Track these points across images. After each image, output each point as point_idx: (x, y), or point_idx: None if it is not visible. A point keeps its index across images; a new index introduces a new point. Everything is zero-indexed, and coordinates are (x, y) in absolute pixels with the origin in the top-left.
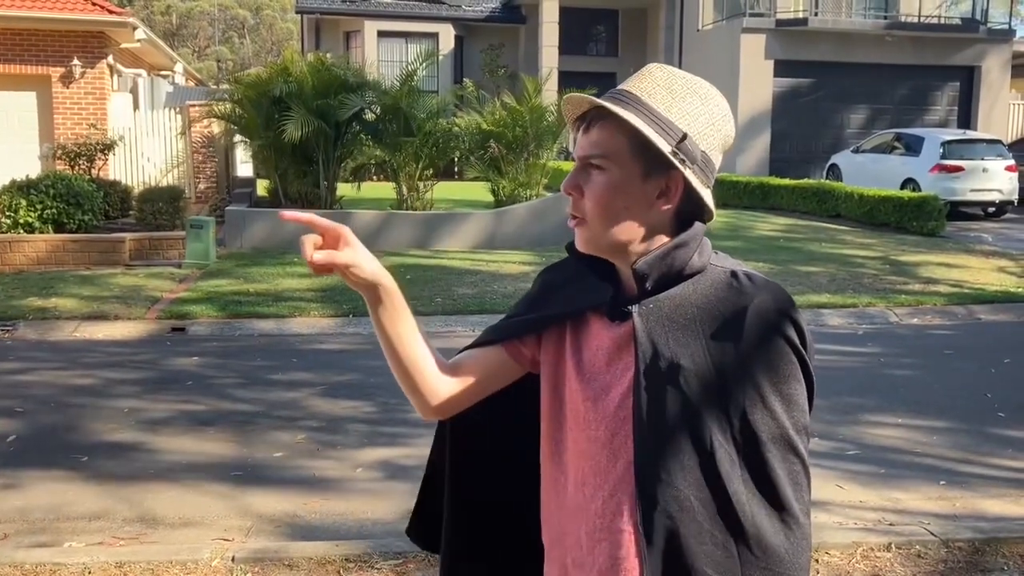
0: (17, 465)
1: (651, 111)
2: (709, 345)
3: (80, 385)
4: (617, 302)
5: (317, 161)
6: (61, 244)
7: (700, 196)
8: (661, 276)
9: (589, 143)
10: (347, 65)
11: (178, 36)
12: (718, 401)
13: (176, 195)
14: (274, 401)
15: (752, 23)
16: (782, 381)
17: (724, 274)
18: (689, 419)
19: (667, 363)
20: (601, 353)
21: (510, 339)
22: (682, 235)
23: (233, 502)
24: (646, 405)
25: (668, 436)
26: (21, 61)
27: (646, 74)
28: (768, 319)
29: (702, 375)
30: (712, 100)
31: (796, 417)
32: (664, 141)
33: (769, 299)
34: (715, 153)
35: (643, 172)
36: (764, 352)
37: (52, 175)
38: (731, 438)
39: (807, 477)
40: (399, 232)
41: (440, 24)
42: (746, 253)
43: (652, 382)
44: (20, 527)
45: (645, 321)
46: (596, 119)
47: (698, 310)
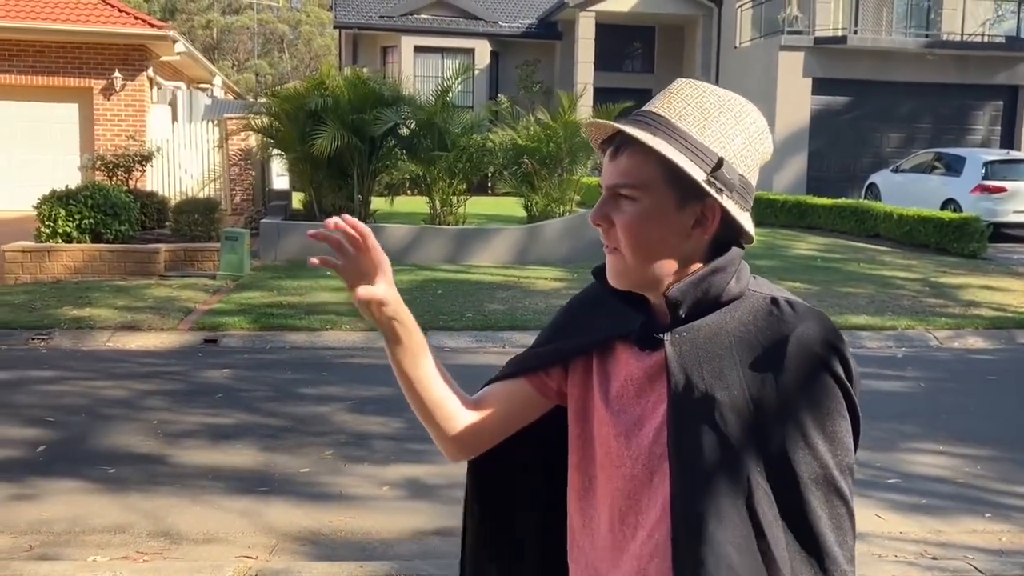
0: (46, 475)
1: (683, 136)
2: (747, 377)
3: (111, 396)
4: (648, 330)
5: (352, 175)
6: (97, 254)
7: (738, 222)
8: (695, 303)
9: (618, 171)
10: (383, 80)
11: (218, 50)
12: (757, 438)
13: (212, 207)
14: (302, 415)
15: (790, 40)
16: (826, 417)
17: (763, 301)
18: (726, 457)
19: (702, 396)
20: (631, 384)
21: (534, 371)
22: (718, 260)
23: (257, 518)
24: (681, 441)
25: (704, 475)
26: (64, 73)
27: (675, 93)
28: (811, 350)
29: (739, 409)
30: (747, 117)
31: (840, 456)
32: (698, 169)
33: (813, 328)
34: (753, 173)
35: (677, 201)
36: (807, 386)
37: (90, 186)
38: (770, 478)
39: (852, 521)
40: (431, 247)
41: (476, 40)
42: (782, 273)
43: (686, 417)
44: (46, 539)
45: (678, 350)
46: (624, 145)
47: (735, 339)
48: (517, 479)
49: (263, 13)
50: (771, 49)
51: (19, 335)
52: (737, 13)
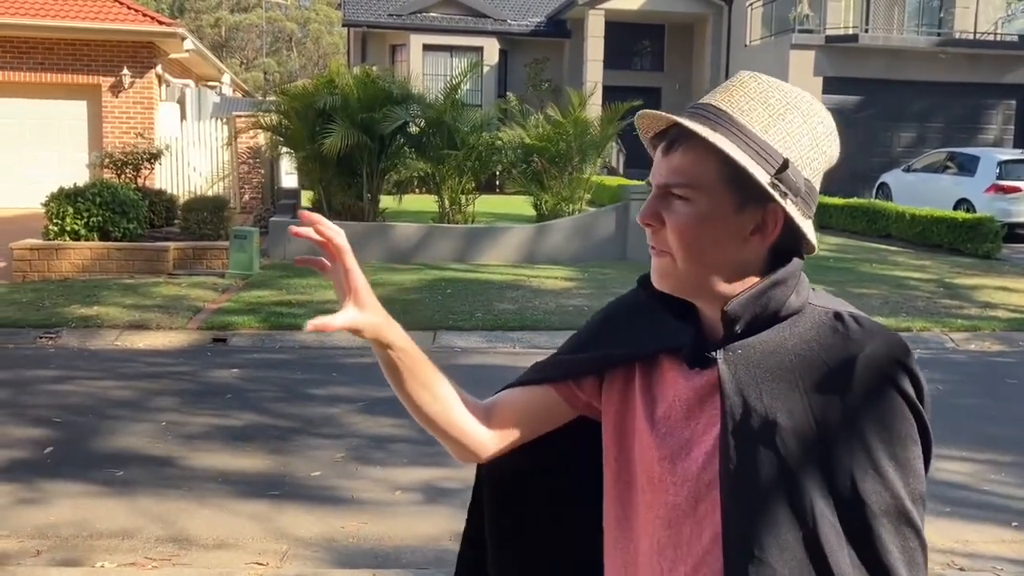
0: (53, 477)
1: (746, 133)
2: (810, 399)
3: (119, 396)
4: (699, 346)
5: (361, 173)
6: (106, 252)
7: (801, 230)
8: (753, 319)
9: (671, 169)
10: (392, 78)
11: (227, 48)
12: (821, 465)
13: (220, 205)
14: (313, 417)
15: (801, 39)
16: (897, 443)
17: (826, 316)
18: (787, 486)
19: (760, 419)
20: (678, 405)
21: (564, 379)
22: (779, 272)
23: (268, 523)
24: (736, 469)
25: (762, 506)
26: (73, 71)
27: (738, 86)
28: (882, 371)
29: (802, 434)
30: (815, 116)
31: (912, 485)
32: (762, 170)
33: (882, 347)
34: (818, 178)
35: (736, 204)
36: (877, 409)
37: (99, 183)
38: (836, 509)
39: (924, 554)
40: (440, 245)
41: (485, 38)
42: None
43: (742, 442)
44: (53, 543)
45: (733, 369)
46: (679, 140)
47: (796, 358)
48: (532, 485)
49: (272, 11)
50: (782, 48)
51: (27, 334)
52: (747, 11)
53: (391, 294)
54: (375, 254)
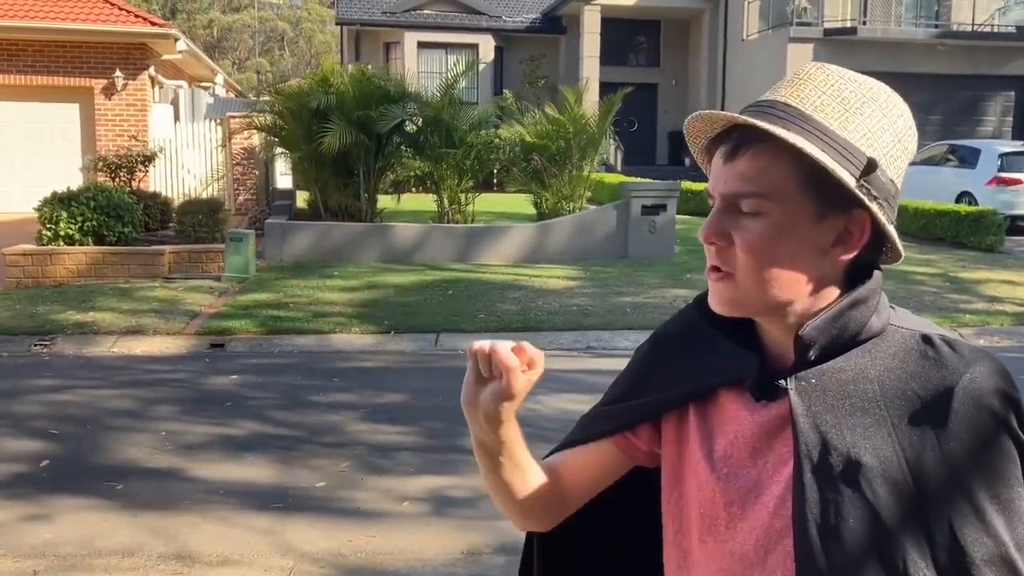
0: (49, 492)
1: (824, 130)
2: (900, 435)
3: (116, 405)
4: (766, 375)
5: (358, 173)
6: (101, 256)
7: (892, 238)
8: (829, 343)
9: (737, 176)
10: (388, 76)
11: (219, 48)
12: (914, 511)
13: (216, 207)
14: (315, 425)
15: (799, 32)
16: (1003, 486)
17: (913, 339)
18: (874, 535)
19: (841, 458)
20: (742, 443)
21: (620, 431)
22: (860, 289)
23: (273, 538)
24: (813, 515)
25: (845, 557)
26: (64, 73)
27: (806, 79)
28: (983, 403)
29: (891, 476)
30: (894, 109)
31: (1018, 530)
32: (845, 172)
33: (983, 376)
34: (901, 178)
35: (817, 212)
36: (978, 447)
37: (93, 187)
38: (932, 559)
39: None
40: (440, 245)
41: (480, 35)
42: None
43: (820, 484)
44: (51, 563)
45: (807, 401)
46: (746, 143)
47: (881, 387)
48: (582, 540)
49: (264, 11)
50: (779, 41)
51: (21, 341)
52: (744, 5)
53: (391, 296)
54: (373, 255)
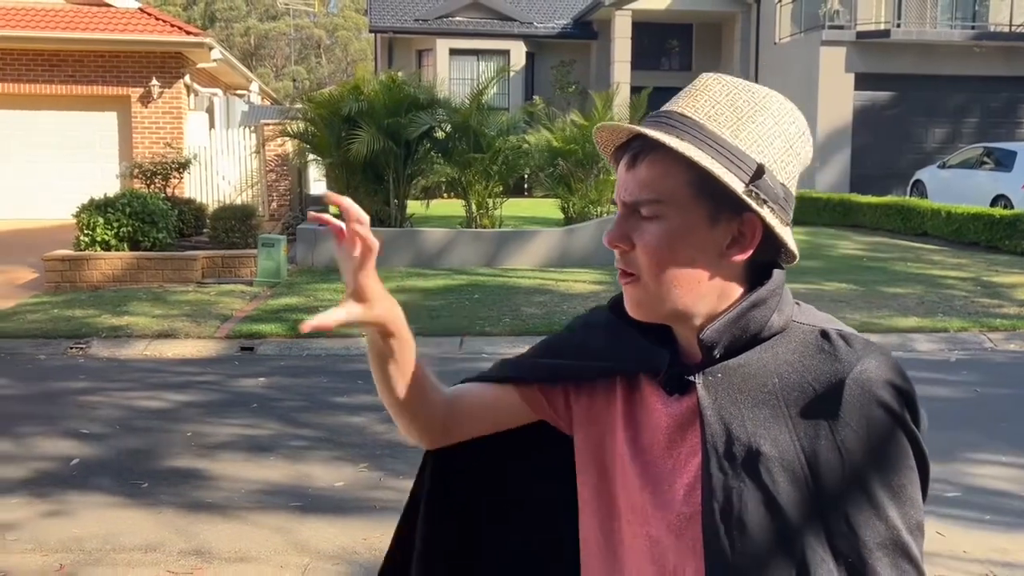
0: (78, 490)
1: (715, 139)
2: (796, 426)
3: (146, 407)
4: (677, 370)
5: (387, 179)
6: (135, 261)
7: (783, 239)
8: (732, 342)
9: (637, 184)
10: (418, 83)
11: (256, 56)
12: (810, 497)
13: (248, 213)
14: (337, 426)
15: (832, 35)
16: (892, 472)
17: (812, 335)
18: (774, 520)
19: (744, 448)
20: (660, 434)
21: (531, 383)
22: (759, 291)
23: (290, 536)
24: (719, 501)
25: (748, 542)
26: (103, 82)
27: (702, 89)
28: (873, 394)
29: (789, 464)
30: (786, 116)
31: (909, 514)
32: (735, 178)
33: (873, 367)
34: (793, 182)
35: (710, 217)
36: (869, 436)
37: (128, 193)
38: (828, 544)
39: None
40: (468, 250)
41: (511, 41)
42: (827, 274)
43: (725, 473)
44: (77, 557)
45: (713, 395)
46: (644, 152)
47: (780, 380)
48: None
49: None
50: (812, 45)
51: (58, 344)
52: (776, 8)
53: (418, 300)
54: (402, 260)
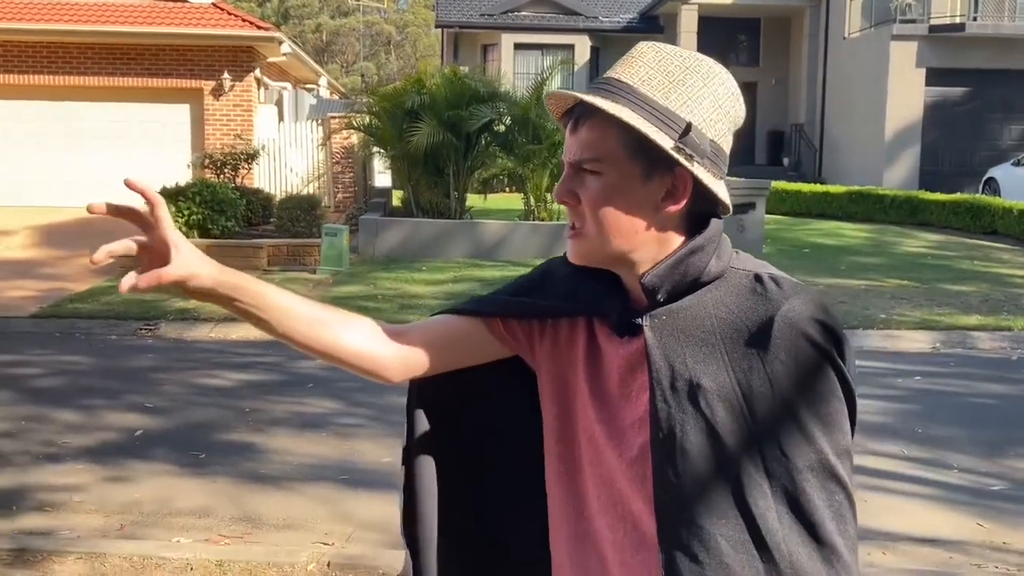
0: (139, 458)
1: (646, 101)
2: (732, 362)
3: (208, 384)
4: (626, 314)
5: (447, 172)
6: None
7: (713, 192)
8: (674, 287)
9: (579, 144)
10: (480, 76)
11: (328, 52)
12: (746, 426)
13: (314, 204)
14: (387, 406)
15: (903, 30)
16: (819, 400)
17: (746, 279)
18: (713, 447)
19: (685, 384)
20: (613, 373)
21: (495, 316)
22: (697, 239)
23: (336, 506)
24: (664, 431)
25: (690, 467)
26: (177, 75)
27: (637, 56)
28: (798, 328)
29: (726, 396)
30: (715, 78)
31: (836, 440)
32: (665, 136)
33: (799, 305)
34: (725, 139)
35: (643, 172)
36: (796, 368)
37: (199, 183)
38: (762, 467)
39: (852, 507)
40: (525, 242)
41: (576, 36)
42: (888, 270)
43: (670, 405)
44: (136, 519)
45: (659, 336)
46: (584, 116)
47: (718, 321)
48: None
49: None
50: (882, 39)
51: (128, 325)
52: (846, 2)
53: (475, 290)
54: (460, 251)
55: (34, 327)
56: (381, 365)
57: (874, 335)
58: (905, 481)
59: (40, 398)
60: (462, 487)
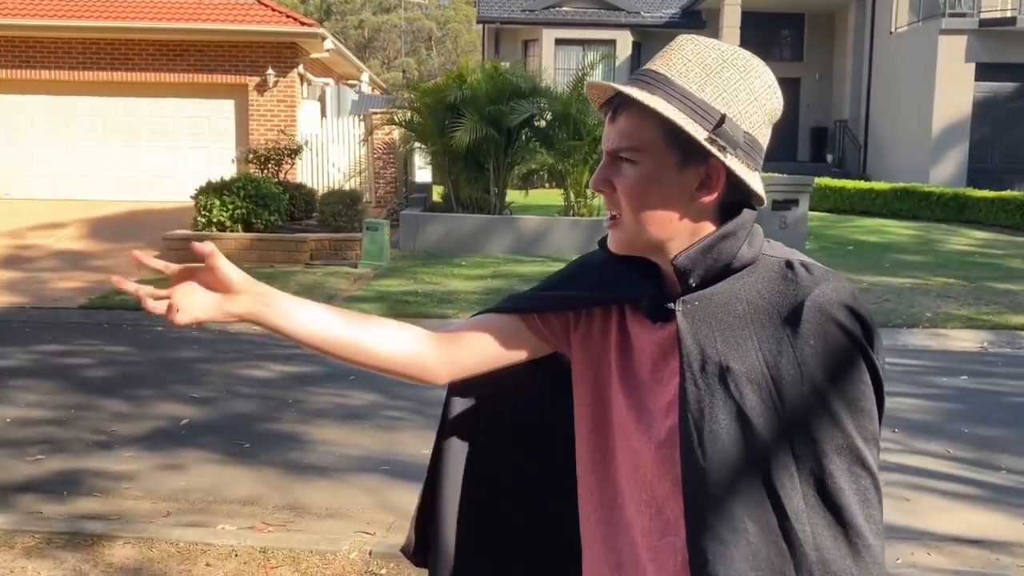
0: (186, 447)
1: (683, 93)
2: (762, 345)
3: (253, 375)
4: (658, 300)
5: (487, 167)
6: (249, 242)
7: (745, 183)
8: (706, 271)
9: (617, 134)
10: (521, 72)
11: (370, 48)
12: (774, 409)
13: (355, 198)
14: (427, 398)
15: (952, 24)
16: (847, 385)
17: (778, 265)
18: (742, 430)
19: (716, 367)
20: (645, 359)
21: (531, 311)
22: (728, 224)
23: (378, 496)
24: (693, 415)
25: (718, 449)
26: (222, 71)
27: (676, 49)
28: (828, 313)
29: (755, 380)
30: (753, 71)
31: (864, 425)
32: (699, 127)
33: (829, 291)
34: (761, 131)
35: (679, 162)
36: (825, 352)
37: (243, 177)
38: (790, 451)
39: (878, 493)
40: (564, 238)
41: (618, 31)
42: (934, 268)
43: (699, 389)
44: (182, 506)
45: (690, 321)
46: (622, 106)
47: (749, 306)
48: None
49: (411, 12)
50: (930, 33)
51: None
52: None
53: (514, 285)
54: (500, 246)
55: (83, 318)
56: (428, 370)
57: (920, 333)
58: (951, 481)
59: (89, 387)
60: (488, 477)
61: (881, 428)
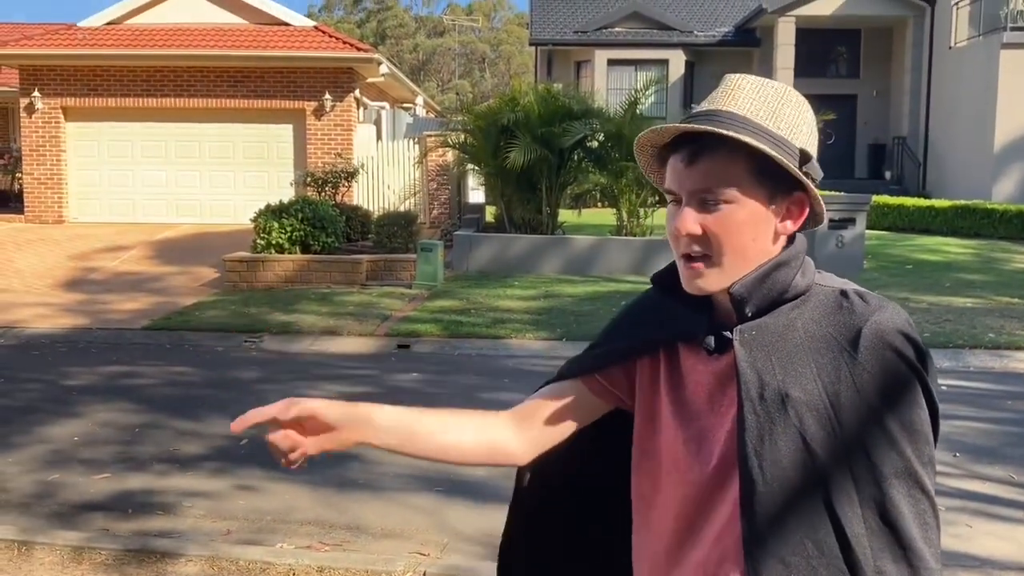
0: (245, 466)
1: (762, 130)
2: (821, 372)
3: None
4: (715, 331)
5: (540, 188)
6: (306, 264)
7: (823, 211)
8: (761, 300)
9: (703, 174)
10: (574, 93)
11: (424, 71)
12: (834, 435)
13: (410, 220)
14: None
15: (1014, 38)
16: (905, 410)
17: (832, 294)
18: (802, 456)
19: (775, 394)
20: (701, 390)
21: (590, 372)
22: (782, 254)
23: (434, 517)
24: (753, 442)
25: (779, 475)
26: (282, 96)
27: (736, 88)
28: (885, 340)
29: (814, 406)
30: (803, 104)
31: (922, 449)
32: (791, 162)
33: (885, 318)
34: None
35: (767, 198)
36: (883, 378)
37: (301, 200)
38: (850, 475)
39: (935, 516)
40: (615, 257)
41: (671, 51)
42: (997, 287)
43: (759, 416)
44: (242, 524)
45: (748, 349)
46: (702, 148)
47: (806, 334)
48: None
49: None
50: (991, 48)
51: (234, 338)
52: (952, 11)
53: (565, 305)
54: (552, 266)
55: (146, 339)
56: (510, 456)
57: (982, 354)
58: (1013, 507)
59: (153, 407)
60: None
61: (936, 451)
